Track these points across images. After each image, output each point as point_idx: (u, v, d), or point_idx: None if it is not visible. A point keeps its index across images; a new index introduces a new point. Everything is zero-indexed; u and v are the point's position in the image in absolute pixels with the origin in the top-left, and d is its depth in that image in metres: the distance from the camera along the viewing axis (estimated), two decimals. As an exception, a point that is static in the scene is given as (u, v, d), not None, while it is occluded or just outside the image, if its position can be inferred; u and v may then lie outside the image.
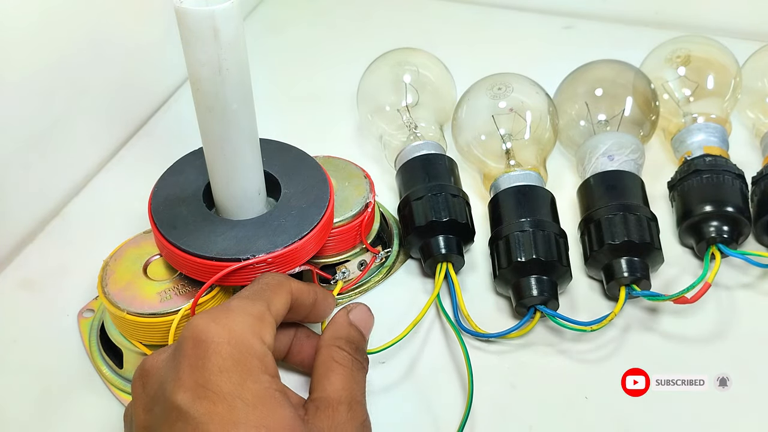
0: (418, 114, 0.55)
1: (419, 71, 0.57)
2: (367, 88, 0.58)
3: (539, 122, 0.52)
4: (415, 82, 0.56)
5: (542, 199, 0.49)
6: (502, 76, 0.54)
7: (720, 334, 0.45)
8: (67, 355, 0.45)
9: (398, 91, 0.56)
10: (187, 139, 0.51)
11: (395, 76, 0.57)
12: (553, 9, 0.76)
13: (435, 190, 0.48)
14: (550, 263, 0.45)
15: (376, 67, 0.58)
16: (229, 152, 0.40)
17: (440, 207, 0.47)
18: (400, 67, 0.57)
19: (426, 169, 0.51)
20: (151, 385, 0.34)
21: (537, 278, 0.45)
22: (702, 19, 0.71)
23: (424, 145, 0.53)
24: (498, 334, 0.44)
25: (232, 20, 0.35)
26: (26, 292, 0.49)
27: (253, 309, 0.35)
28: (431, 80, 0.57)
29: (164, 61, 0.65)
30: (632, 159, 0.50)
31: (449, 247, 0.47)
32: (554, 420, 0.42)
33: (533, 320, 0.44)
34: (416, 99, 0.56)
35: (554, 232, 0.46)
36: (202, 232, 0.41)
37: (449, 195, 0.48)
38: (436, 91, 0.57)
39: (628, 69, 0.55)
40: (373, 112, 0.57)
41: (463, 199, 0.49)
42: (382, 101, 0.57)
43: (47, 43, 0.52)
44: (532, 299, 0.44)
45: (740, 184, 0.49)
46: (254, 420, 0.31)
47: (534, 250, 0.45)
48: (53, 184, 0.56)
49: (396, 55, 0.58)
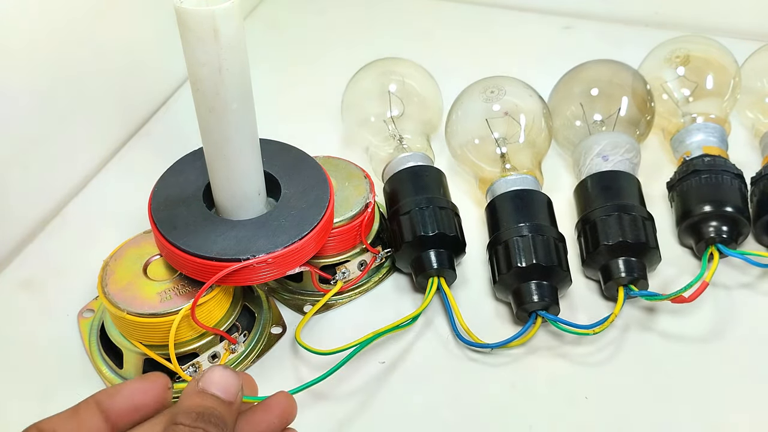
0: (404, 125, 0.54)
1: (404, 81, 0.56)
2: (352, 98, 0.57)
3: (533, 125, 0.52)
4: (401, 92, 0.55)
5: (540, 203, 0.48)
6: (495, 79, 0.54)
7: (719, 333, 0.45)
8: (67, 355, 0.45)
9: (383, 102, 0.55)
10: (187, 139, 0.51)
11: (380, 86, 0.56)
12: (553, 9, 0.76)
13: (422, 204, 0.47)
14: (550, 268, 0.44)
15: (360, 77, 0.57)
16: (229, 152, 0.40)
17: (427, 221, 0.47)
18: (385, 77, 0.56)
19: (413, 181, 0.50)
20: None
21: (537, 283, 0.44)
22: (701, 19, 0.71)
23: (411, 156, 0.52)
24: (500, 344, 0.44)
25: (232, 20, 0.35)
26: (26, 292, 0.49)
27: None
28: (417, 90, 0.56)
29: (164, 61, 0.65)
30: (627, 158, 0.50)
31: (440, 262, 0.46)
32: (554, 420, 0.42)
33: (535, 326, 0.44)
34: (402, 110, 0.55)
35: (553, 236, 0.46)
36: (202, 232, 0.41)
37: (437, 208, 0.47)
38: (423, 101, 0.56)
39: (624, 69, 0.55)
40: (359, 123, 0.56)
41: (452, 210, 0.48)
42: (367, 112, 0.56)
43: (47, 43, 0.52)
44: (533, 305, 0.44)
45: (739, 183, 0.49)
46: None
47: (534, 255, 0.44)
48: (53, 184, 0.56)
49: (381, 64, 0.57)
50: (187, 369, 0.42)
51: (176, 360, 0.41)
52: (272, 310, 0.47)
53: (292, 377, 0.44)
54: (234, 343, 0.43)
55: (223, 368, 0.33)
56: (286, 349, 0.45)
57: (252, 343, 0.45)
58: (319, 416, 0.42)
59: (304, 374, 0.44)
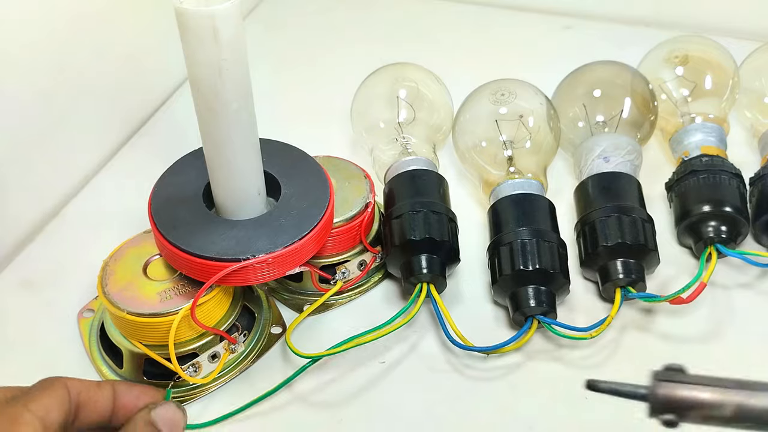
0: (413, 131, 0.54)
1: (418, 88, 0.56)
2: (363, 103, 0.57)
3: (541, 130, 0.52)
4: (412, 98, 0.55)
5: (544, 208, 0.48)
6: (506, 81, 0.54)
7: (718, 334, 0.45)
8: (67, 355, 0.45)
9: (393, 108, 0.55)
10: (187, 139, 0.51)
11: (391, 92, 0.55)
12: (553, 9, 0.76)
13: (416, 208, 0.47)
14: (551, 274, 0.44)
15: (372, 82, 0.57)
16: (229, 152, 0.40)
17: (417, 225, 0.46)
18: (396, 83, 0.56)
19: (411, 185, 0.49)
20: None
21: (536, 288, 0.44)
22: (701, 19, 0.71)
23: (414, 160, 0.51)
24: (495, 347, 0.43)
25: (232, 20, 0.35)
26: (26, 292, 0.49)
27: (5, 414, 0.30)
28: (428, 97, 0.56)
29: (164, 61, 0.65)
30: (628, 160, 0.50)
31: (430, 268, 0.45)
32: (554, 420, 0.42)
33: (530, 330, 0.44)
34: (412, 116, 0.54)
35: (556, 243, 0.46)
36: (202, 232, 0.41)
37: (430, 212, 0.46)
38: (433, 107, 0.56)
39: (626, 70, 0.55)
40: (368, 128, 0.56)
41: (446, 216, 0.47)
42: (377, 117, 0.55)
43: (48, 43, 0.52)
44: (531, 309, 0.44)
45: (737, 183, 0.49)
46: None
47: (537, 259, 0.44)
48: (53, 184, 0.56)
49: (391, 70, 0.57)
50: (187, 369, 0.42)
51: (176, 360, 0.41)
52: (272, 310, 0.47)
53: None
54: (234, 343, 0.44)
55: (176, 408, 0.36)
56: (286, 349, 0.45)
57: (252, 343, 0.45)
58: (319, 416, 0.42)
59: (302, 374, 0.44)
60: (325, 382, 0.44)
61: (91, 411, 0.34)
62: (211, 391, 0.43)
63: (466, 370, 0.44)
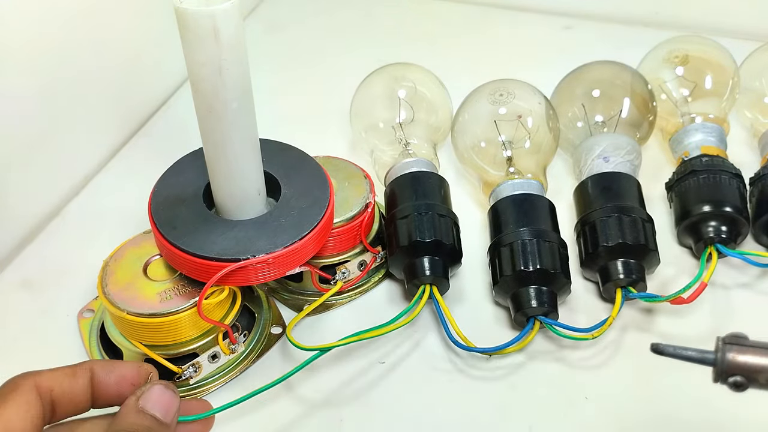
0: (412, 131, 0.54)
1: (416, 87, 0.55)
2: (362, 103, 0.57)
3: (540, 130, 0.52)
4: (411, 98, 0.55)
5: (544, 209, 0.48)
6: (505, 82, 0.54)
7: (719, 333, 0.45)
8: (67, 355, 0.45)
9: (393, 108, 0.55)
10: (187, 139, 0.51)
11: (391, 92, 0.55)
12: (553, 9, 0.76)
13: (422, 209, 0.47)
14: (553, 274, 0.44)
15: (371, 82, 0.57)
16: (229, 152, 0.40)
17: (425, 227, 0.46)
18: (396, 83, 0.56)
19: (415, 186, 0.49)
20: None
21: (537, 289, 0.44)
22: (701, 19, 0.71)
23: (415, 162, 0.51)
24: (497, 348, 0.43)
25: (232, 20, 0.35)
26: (26, 292, 0.49)
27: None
28: (427, 97, 0.56)
29: (164, 61, 0.65)
30: (628, 160, 0.50)
31: (434, 270, 0.45)
32: (554, 420, 0.42)
33: (533, 331, 0.44)
34: (411, 116, 0.54)
35: (557, 243, 0.46)
36: (202, 232, 0.41)
37: (436, 215, 0.46)
38: (433, 108, 0.56)
39: (625, 70, 0.55)
40: (367, 128, 0.56)
41: (451, 219, 0.47)
42: (376, 117, 0.55)
43: (47, 43, 0.52)
44: (532, 309, 0.44)
45: (737, 183, 0.49)
46: None
47: (538, 260, 0.44)
48: (53, 184, 0.56)
49: (391, 70, 0.57)
50: (187, 369, 0.42)
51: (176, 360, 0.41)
52: (272, 310, 0.47)
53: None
54: (234, 342, 0.43)
55: (163, 388, 0.33)
56: (286, 349, 0.46)
57: (252, 343, 0.45)
58: (320, 416, 0.42)
59: (303, 374, 0.44)
60: (325, 382, 0.44)
61: (68, 404, 0.33)
62: (211, 391, 0.43)
63: (466, 370, 0.44)
